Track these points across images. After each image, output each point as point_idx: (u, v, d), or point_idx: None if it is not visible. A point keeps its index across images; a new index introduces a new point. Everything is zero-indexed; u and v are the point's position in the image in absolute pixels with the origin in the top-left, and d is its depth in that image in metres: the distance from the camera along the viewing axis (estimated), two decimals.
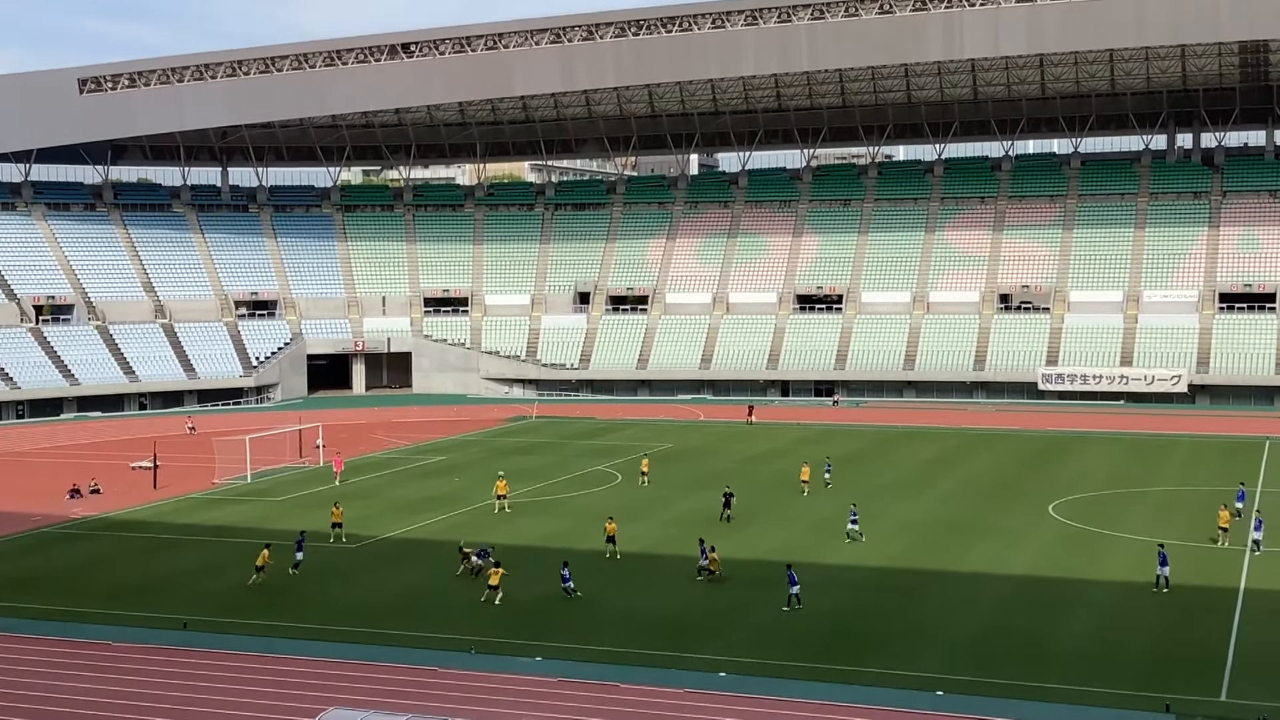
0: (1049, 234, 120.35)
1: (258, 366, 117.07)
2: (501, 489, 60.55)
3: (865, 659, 36.58)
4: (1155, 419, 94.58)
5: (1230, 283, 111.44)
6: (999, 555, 49.41)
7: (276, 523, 58.05)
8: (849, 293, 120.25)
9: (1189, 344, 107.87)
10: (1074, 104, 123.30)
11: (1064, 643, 37.97)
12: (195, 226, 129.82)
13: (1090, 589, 44.00)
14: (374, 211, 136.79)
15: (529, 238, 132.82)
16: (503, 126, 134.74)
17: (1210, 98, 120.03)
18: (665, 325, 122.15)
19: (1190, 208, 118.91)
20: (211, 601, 43.94)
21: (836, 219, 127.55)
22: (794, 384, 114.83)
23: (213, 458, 74.73)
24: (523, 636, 39.20)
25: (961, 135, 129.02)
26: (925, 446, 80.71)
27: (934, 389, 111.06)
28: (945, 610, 41.58)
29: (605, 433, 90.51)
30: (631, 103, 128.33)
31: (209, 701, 33.92)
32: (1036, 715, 32.01)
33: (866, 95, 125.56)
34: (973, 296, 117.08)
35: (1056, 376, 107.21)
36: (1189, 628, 39.32)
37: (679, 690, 34.21)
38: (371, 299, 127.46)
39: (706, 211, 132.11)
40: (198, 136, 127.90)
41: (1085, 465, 72.12)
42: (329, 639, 39.36)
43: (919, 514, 57.85)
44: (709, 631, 39.42)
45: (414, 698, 33.64)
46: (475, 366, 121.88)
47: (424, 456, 79.25)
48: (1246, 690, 33.55)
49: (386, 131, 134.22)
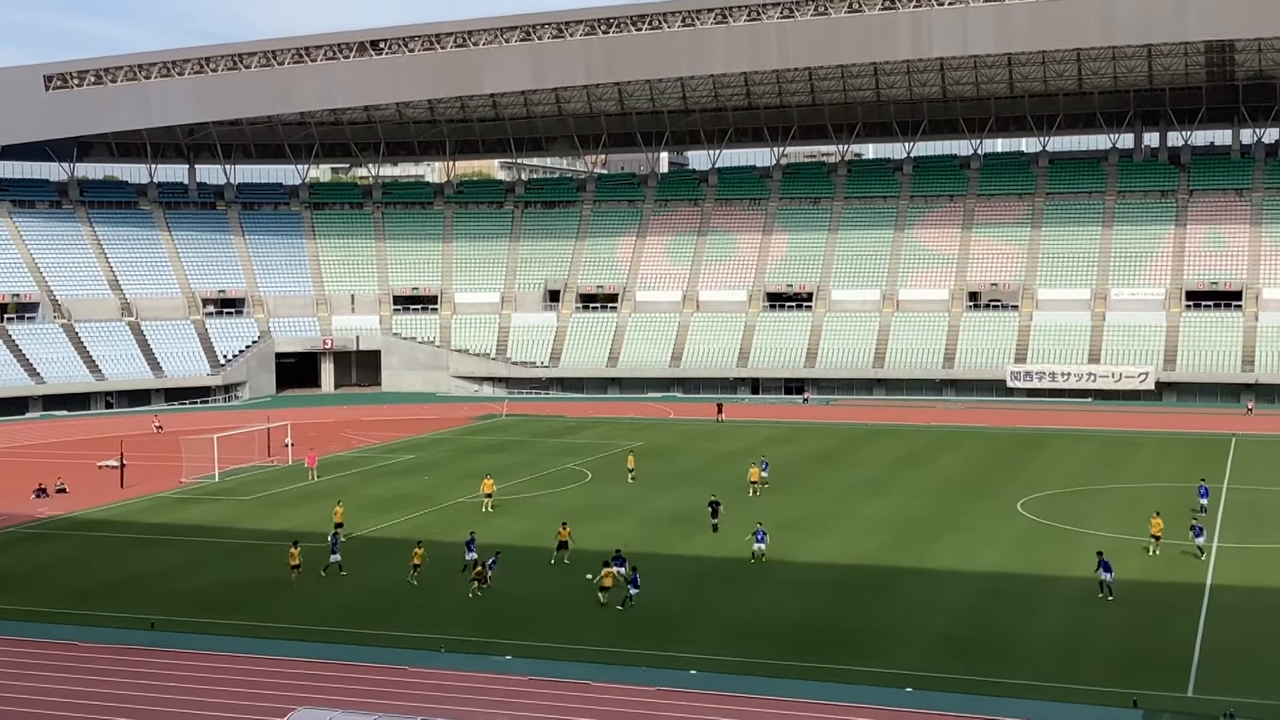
0: (1017, 232, 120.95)
1: (225, 365, 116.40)
2: (488, 487, 60.36)
3: (835, 656, 36.65)
4: (1123, 416, 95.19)
5: (1197, 281, 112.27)
6: (968, 552, 49.61)
7: (246, 522, 57.73)
8: (819, 291, 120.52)
9: (1156, 342, 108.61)
10: (1042, 103, 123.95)
11: (1033, 639, 38.15)
12: (162, 224, 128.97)
13: (1059, 585, 44.22)
14: (343, 209, 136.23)
15: (499, 236, 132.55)
16: (472, 124, 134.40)
17: (1176, 97, 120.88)
18: (635, 323, 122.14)
19: (1157, 206, 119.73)
20: (179, 601, 43.64)
21: (806, 217, 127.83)
22: (764, 382, 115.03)
23: (180, 457, 74.25)
24: (494, 635, 39.10)
25: (930, 134, 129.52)
26: (894, 444, 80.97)
27: (903, 386, 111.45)
28: (915, 607, 41.71)
29: (575, 431, 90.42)
30: (601, 101, 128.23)
31: (176, 702, 33.68)
32: (1005, 711, 32.13)
33: (836, 94, 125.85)
34: (942, 294, 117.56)
35: (1025, 374, 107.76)
36: (1156, 624, 39.56)
37: (651, 688, 34.19)
38: (340, 297, 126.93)
39: (676, 209, 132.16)
40: (165, 134, 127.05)
41: (1053, 462, 72.51)
42: (298, 639, 39.15)
43: (889, 511, 58.02)
44: (679, 630, 39.41)
45: (384, 697, 33.50)
46: (445, 365, 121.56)
47: (393, 455, 78.97)
48: (1213, 686, 33.79)
49: (355, 129, 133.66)
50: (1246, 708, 31.98)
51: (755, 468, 64.61)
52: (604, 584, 42.11)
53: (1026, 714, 31.93)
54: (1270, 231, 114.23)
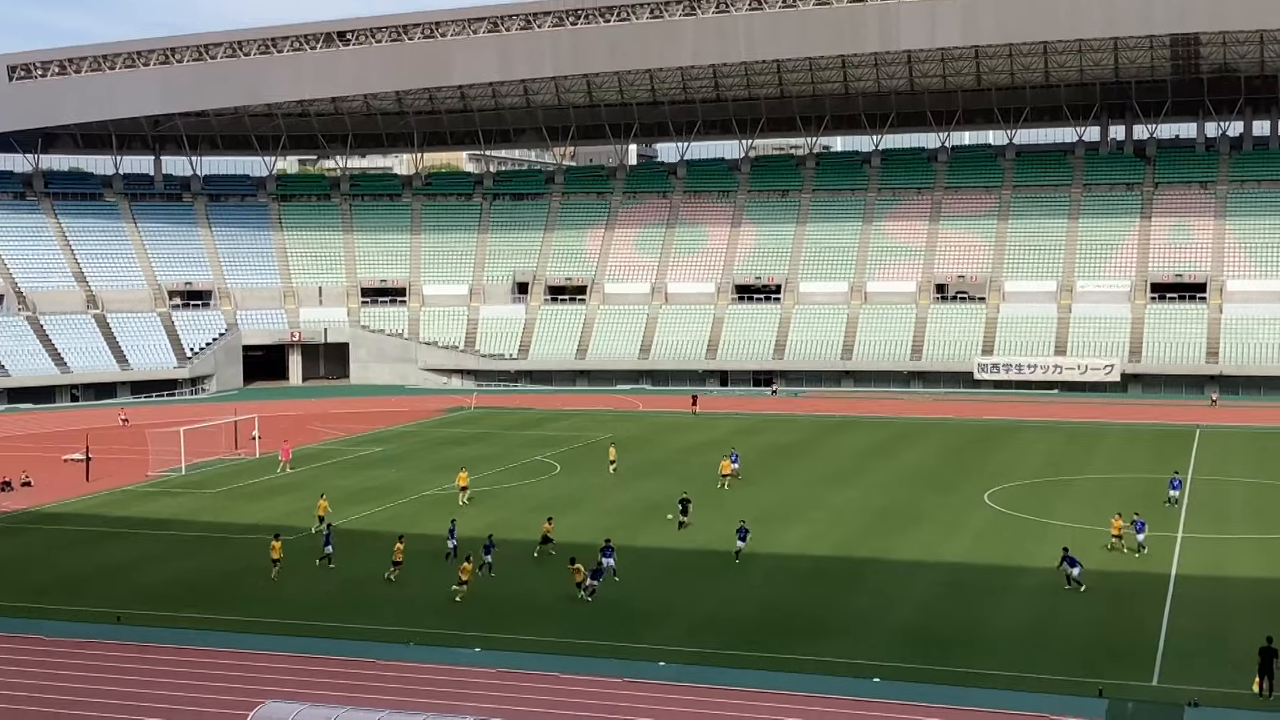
0: (984, 225, 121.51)
1: (192, 357, 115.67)
2: (463, 480, 60.25)
3: (803, 647, 36.80)
4: (1088, 408, 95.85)
5: (1162, 273, 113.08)
6: (935, 543, 49.88)
7: (213, 515, 57.46)
8: (787, 283, 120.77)
9: (1121, 334, 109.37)
10: (1009, 96, 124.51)
11: (999, 629, 38.41)
12: (128, 216, 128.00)
13: (1025, 575, 44.51)
14: (310, 201, 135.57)
15: (467, 228, 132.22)
16: (440, 116, 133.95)
17: (1142, 90, 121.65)
18: (604, 315, 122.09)
19: (1123, 199, 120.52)
20: (146, 595, 43.42)
21: (775, 209, 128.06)
22: (732, 374, 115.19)
23: (147, 450, 73.81)
24: (462, 628, 39.06)
25: (898, 126, 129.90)
26: (862, 436, 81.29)
27: (871, 378, 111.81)
28: (882, 597, 41.92)
29: (544, 423, 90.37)
30: (570, 93, 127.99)
31: (143, 695, 33.53)
32: (972, 701, 32.35)
33: (804, 86, 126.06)
34: (909, 287, 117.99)
35: (992, 366, 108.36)
36: (1121, 614, 39.89)
37: (618, 680, 34.25)
38: (308, 289, 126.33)
39: (645, 202, 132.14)
40: (130, 125, 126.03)
41: (1019, 454, 72.95)
42: (266, 632, 39.02)
43: (856, 502, 58.26)
44: (648, 621, 39.48)
45: (352, 689, 33.43)
46: (413, 357, 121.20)
47: (362, 447, 78.72)
48: (1178, 675, 34.09)
49: (323, 121, 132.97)
50: (1211, 696, 32.31)
51: (726, 460, 64.72)
52: (576, 579, 41.92)
53: (993, 704, 32.16)
54: (1234, 224, 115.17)
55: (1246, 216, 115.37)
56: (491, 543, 46.24)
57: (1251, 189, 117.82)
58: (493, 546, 45.93)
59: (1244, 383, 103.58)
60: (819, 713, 31.75)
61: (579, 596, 41.26)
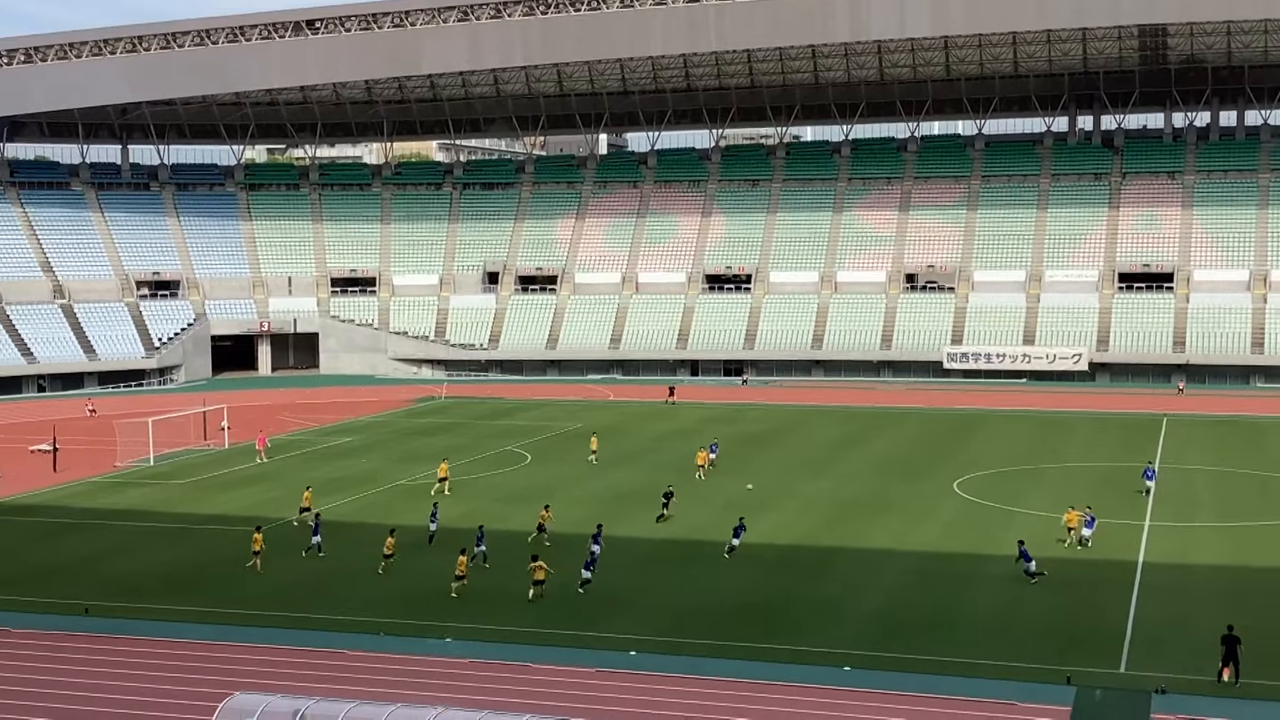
0: (954, 214, 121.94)
1: (160, 348, 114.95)
2: (444, 471, 60.09)
3: (774, 636, 36.90)
4: (1057, 397, 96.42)
5: (1129, 263, 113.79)
6: (905, 532, 50.09)
7: (181, 506, 57.14)
8: (757, 272, 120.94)
9: (1089, 323, 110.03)
10: (978, 86, 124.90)
11: (968, 617, 38.61)
12: (95, 205, 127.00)
13: (993, 564, 44.75)
14: (279, 190, 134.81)
15: (437, 217, 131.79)
16: (410, 105, 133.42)
17: (1110, 80, 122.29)
18: (574, 305, 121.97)
19: (1091, 189, 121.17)
20: (114, 586, 43.16)
21: (745, 199, 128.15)
22: (703, 363, 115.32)
23: (114, 440, 73.31)
24: (433, 618, 39.00)
25: (868, 116, 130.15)
26: (833, 425, 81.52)
27: (841, 368, 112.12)
28: (852, 586, 42.07)
29: (515, 413, 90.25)
30: (540, 82, 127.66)
31: (111, 688, 33.34)
32: (941, 689, 32.51)
33: (774, 76, 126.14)
34: (879, 276, 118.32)
35: (961, 355, 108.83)
36: (1089, 602, 40.15)
37: (589, 669, 34.26)
38: (277, 279, 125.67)
39: (615, 191, 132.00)
40: (97, 113, 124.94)
41: (989, 443, 73.32)
42: (235, 623, 38.86)
43: (827, 492, 58.44)
44: (619, 611, 39.50)
45: (321, 681, 33.33)
46: (383, 347, 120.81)
47: (332, 438, 78.43)
48: (1145, 662, 34.35)
49: (291, 109, 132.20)
50: (1178, 683, 32.56)
51: (703, 451, 64.58)
52: (536, 577, 40.94)
53: (962, 691, 32.33)
54: (1201, 214, 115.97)
55: (1213, 206, 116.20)
56: (483, 534, 45.99)
57: (1218, 179, 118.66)
58: (484, 538, 45.68)
59: (1210, 372, 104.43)
60: (789, 701, 31.85)
61: (531, 596, 40.35)
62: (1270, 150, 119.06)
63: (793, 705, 31.55)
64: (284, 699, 28.25)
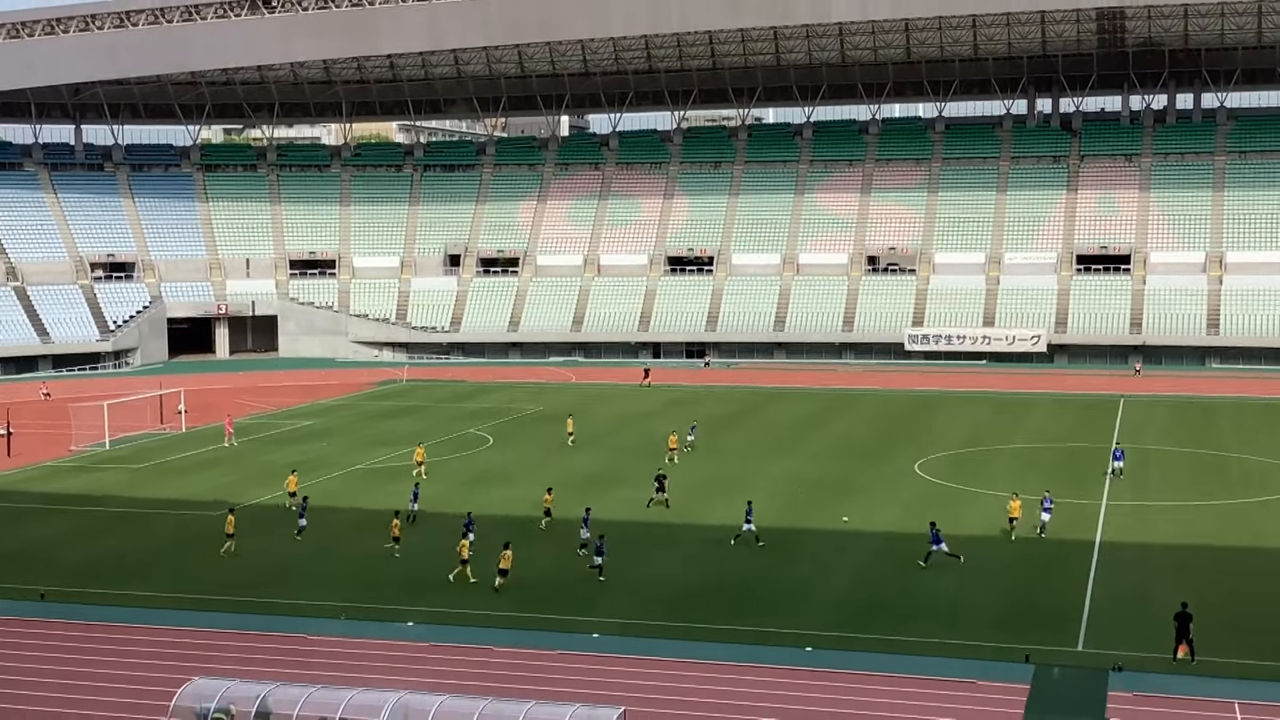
0: (914, 197, 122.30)
1: (115, 330, 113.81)
2: (420, 455, 59.71)
3: (737, 617, 36.95)
4: (1016, 378, 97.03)
5: (1087, 245, 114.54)
6: (866, 513, 50.25)
7: (138, 490, 56.61)
8: (719, 255, 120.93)
9: (1048, 305, 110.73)
10: (938, 69, 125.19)
11: (929, 597, 38.80)
12: (48, 186, 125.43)
13: (954, 544, 44.90)
14: (236, 171, 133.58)
15: (397, 199, 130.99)
16: (369, 85, 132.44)
17: (1069, 64, 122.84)
18: (536, 287, 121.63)
19: (1049, 171, 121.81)
20: (70, 571, 42.71)
21: (707, 181, 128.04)
22: (665, 346, 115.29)
23: (69, 424, 72.53)
24: (395, 602, 38.81)
25: (830, 99, 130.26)
26: (795, 407, 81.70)
27: (803, 350, 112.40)
28: (814, 568, 42.18)
29: (477, 396, 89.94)
30: (501, 63, 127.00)
31: (68, 674, 32.99)
32: (902, 668, 32.67)
33: (736, 58, 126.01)
34: (841, 258, 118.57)
35: (922, 337, 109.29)
36: (1048, 581, 40.44)
37: (552, 652, 34.20)
38: (235, 261, 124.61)
39: (577, 173, 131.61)
40: (49, 93, 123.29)
41: (949, 424, 73.70)
42: (194, 608, 38.53)
43: (789, 474, 58.55)
44: (582, 594, 39.43)
45: (282, 665, 33.12)
46: (344, 330, 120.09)
47: (291, 421, 77.91)
48: (1102, 640, 34.63)
49: (248, 89, 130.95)
50: (1134, 661, 32.85)
51: (674, 435, 64.10)
52: (501, 565, 40.30)
53: (922, 670, 32.49)
54: (1158, 197, 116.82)
55: (1170, 189, 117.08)
56: (471, 520, 45.19)
57: (1175, 161, 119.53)
58: (472, 525, 44.84)
59: (1167, 353, 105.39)
60: (752, 681, 31.90)
61: (497, 585, 39.59)
62: (1226, 133, 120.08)
63: (754, 686, 31.59)
64: (243, 684, 28.07)
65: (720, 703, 30.56)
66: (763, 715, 29.74)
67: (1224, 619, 35.99)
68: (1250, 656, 33.15)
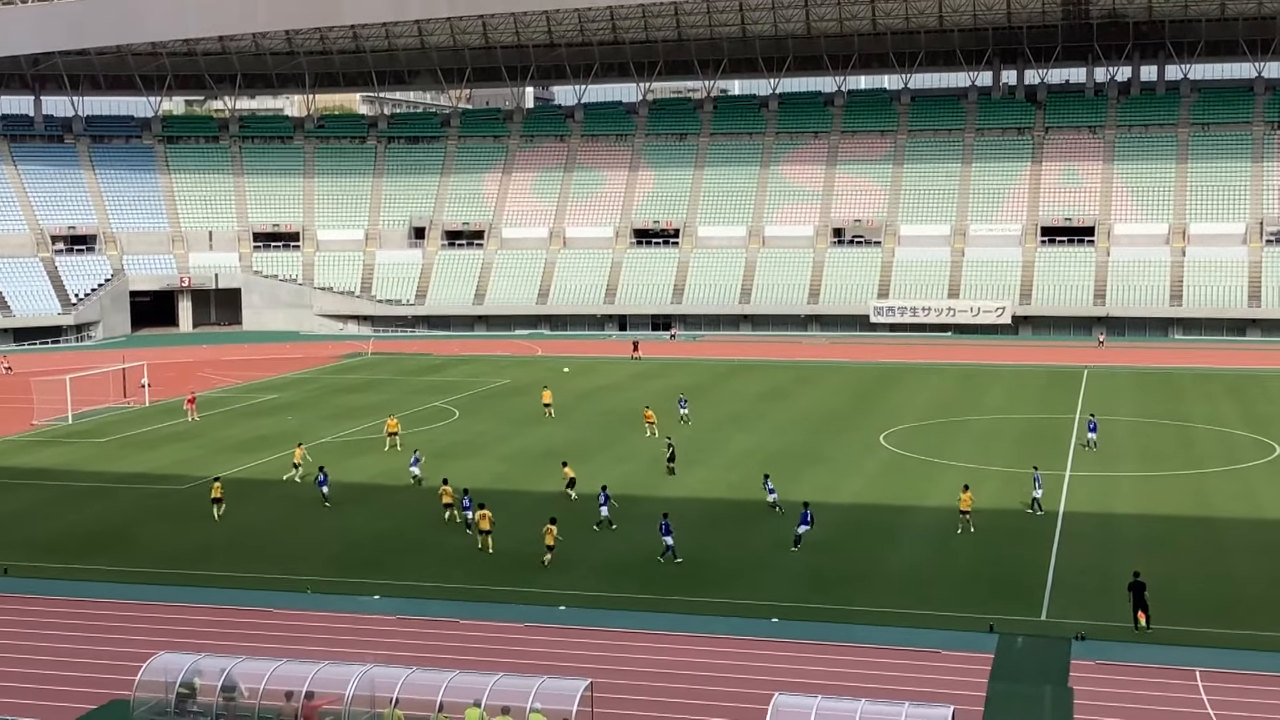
0: (880, 169, 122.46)
1: (77, 304, 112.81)
2: (393, 426, 59.60)
3: (702, 589, 37.08)
4: (981, 350, 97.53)
5: (1051, 217, 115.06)
6: (831, 484, 50.48)
7: (101, 464, 56.23)
8: (685, 227, 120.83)
9: (1012, 277, 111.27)
10: (904, 40, 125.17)
11: (892, 567, 39.05)
12: (7, 158, 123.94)
13: (918, 514, 45.27)
14: (198, 143, 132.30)
15: (361, 171, 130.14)
16: (332, 56, 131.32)
17: (1034, 35, 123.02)
18: (502, 260, 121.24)
19: (1014, 143, 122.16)
20: (34, 546, 42.43)
21: (673, 153, 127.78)
22: (631, 318, 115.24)
23: (31, 398, 71.93)
24: (361, 575, 38.75)
25: (795, 70, 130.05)
26: (760, 379, 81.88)
27: (769, 322, 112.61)
28: (780, 539, 42.32)
29: (442, 369, 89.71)
30: (465, 34, 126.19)
31: (33, 649, 32.80)
32: (867, 638, 32.88)
33: (701, 29, 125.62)
34: (807, 231, 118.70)
35: (887, 309, 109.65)
36: (1011, 551, 40.74)
37: (520, 625, 34.25)
38: (198, 234, 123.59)
39: (542, 145, 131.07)
40: (8, 64, 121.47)
41: (914, 395, 74.05)
42: (159, 582, 38.36)
43: (754, 445, 58.72)
44: (550, 566, 39.42)
45: (248, 639, 33.02)
46: (308, 303, 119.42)
47: (255, 395, 77.51)
48: (1065, 610, 34.95)
49: (210, 60, 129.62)
50: (1096, 630, 33.18)
51: (649, 410, 63.72)
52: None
53: (887, 640, 32.72)
54: (1122, 169, 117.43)
55: (1133, 161, 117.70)
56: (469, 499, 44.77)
57: (1139, 133, 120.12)
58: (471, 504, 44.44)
59: (1130, 324, 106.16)
60: (717, 652, 32.05)
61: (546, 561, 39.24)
62: (1189, 105, 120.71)
63: (720, 657, 31.74)
64: (209, 658, 27.99)
65: (686, 674, 30.69)
66: (728, 685, 29.89)
67: (1186, 589, 36.40)
68: (1211, 625, 33.55)
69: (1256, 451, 56.45)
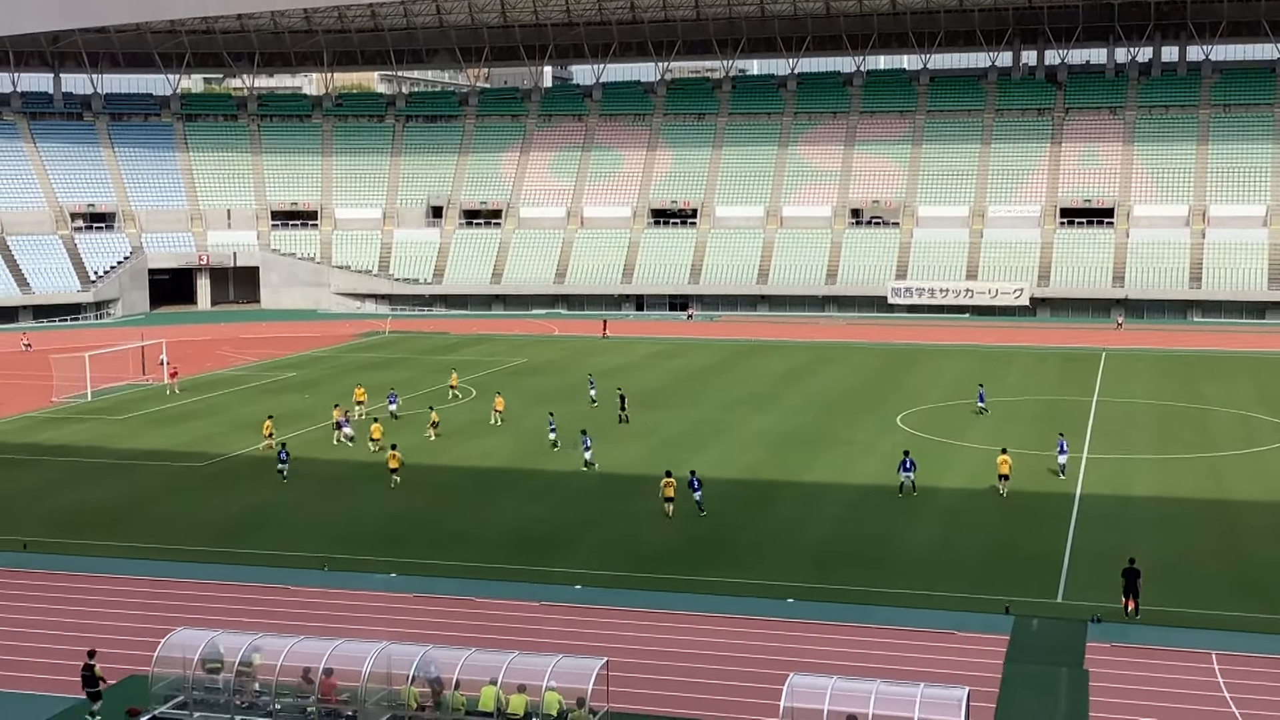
0: (898, 149, 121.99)
1: (96, 281, 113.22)
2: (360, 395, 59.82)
3: (718, 569, 37.11)
4: (998, 331, 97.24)
5: (1071, 198, 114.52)
6: (847, 465, 50.45)
7: (119, 441, 56.49)
8: (703, 207, 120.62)
9: (1031, 258, 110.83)
10: (923, 20, 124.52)
11: (908, 548, 39.02)
12: (26, 135, 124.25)
13: (934, 496, 45.20)
14: (217, 121, 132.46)
15: (379, 150, 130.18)
16: (350, 35, 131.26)
17: (1054, 15, 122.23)
18: (519, 239, 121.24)
19: (1034, 124, 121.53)
20: (53, 522, 42.69)
21: (691, 133, 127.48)
22: (648, 298, 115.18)
23: (50, 375, 72.27)
24: (377, 553, 38.89)
25: (814, 50, 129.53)
26: (777, 360, 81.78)
27: (786, 303, 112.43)
28: (796, 519, 42.34)
29: (459, 348, 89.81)
30: (483, 12, 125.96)
31: (51, 624, 33.04)
32: (883, 619, 32.89)
33: (720, 8, 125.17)
34: (825, 211, 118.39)
35: (905, 290, 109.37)
36: (1028, 532, 40.68)
37: (535, 603, 34.34)
38: (216, 212, 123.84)
39: (560, 124, 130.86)
40: (28, 41, 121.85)
41: (931, 377, 73.87)
42: (177, 559, 38.57)
43: (771, 426, 58.68)
44: (565, 545, 39.55)
45: (264, 616, 33.20)
46: (326, 281, 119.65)
47: (273, 373, 77.73)
48: (1081, 592, 34.90)
49: (229, 38, 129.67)
50: (1113, 612, 33.11)
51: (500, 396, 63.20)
52: (667, 494, 42.06)
53: (903, 622, 32.72)
54: (1142, 150, 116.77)
55: (1154, 142, 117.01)
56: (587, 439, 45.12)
57: (1159, 114, 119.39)
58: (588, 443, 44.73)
59: (1149, 306, 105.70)
60: (733, 632, 32.10)
61: (668, 512, 41.74)
62: (1210, 86, 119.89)
63: (735, 637, 31.79)
64: (227, 634, 28.14)
65: (701, 653, 30.76)
66: (743, 665, 29.94)
67: (1203, 571, 36.32)
68: (1228, 608, 33.47)
69: (1275, 434, 56.21)
